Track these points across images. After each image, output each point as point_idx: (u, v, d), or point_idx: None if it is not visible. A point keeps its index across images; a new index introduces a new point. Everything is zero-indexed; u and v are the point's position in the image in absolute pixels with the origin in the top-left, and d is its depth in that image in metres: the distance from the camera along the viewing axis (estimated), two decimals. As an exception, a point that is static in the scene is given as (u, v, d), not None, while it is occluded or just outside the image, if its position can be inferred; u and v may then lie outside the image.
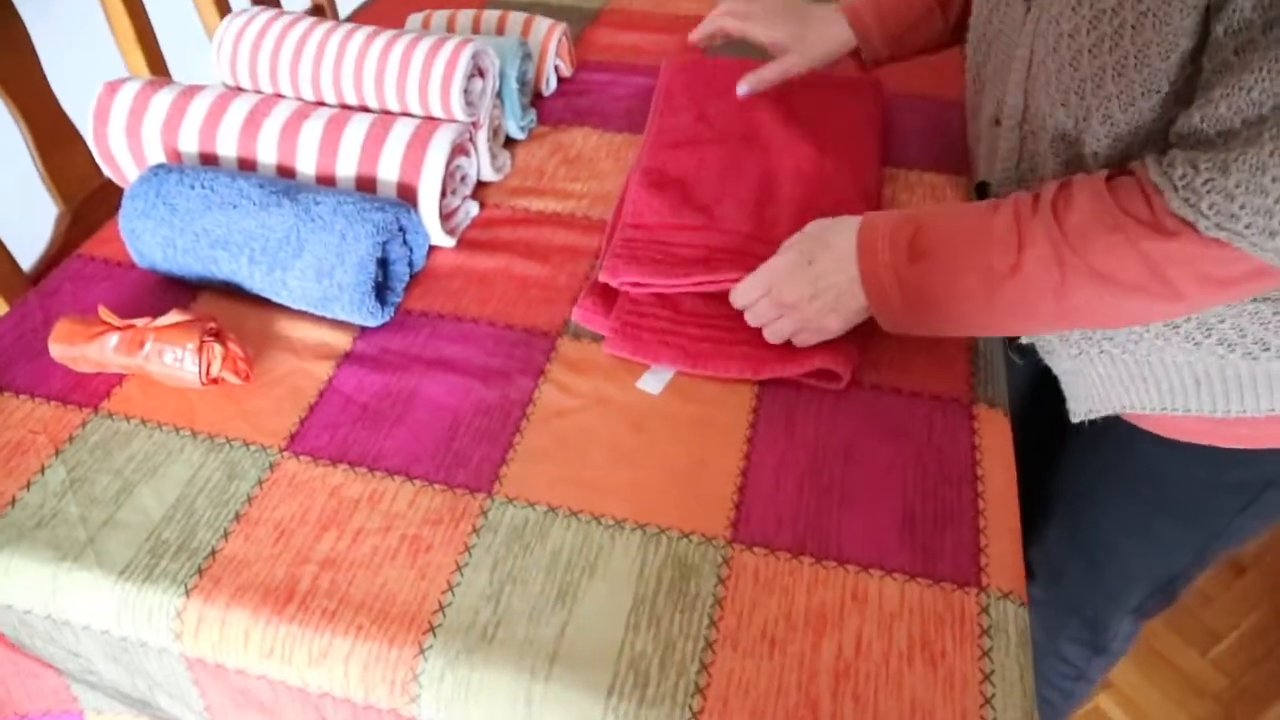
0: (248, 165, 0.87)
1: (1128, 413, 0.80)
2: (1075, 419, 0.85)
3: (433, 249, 0.88)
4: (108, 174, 0.93)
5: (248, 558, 0.64)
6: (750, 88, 0.96)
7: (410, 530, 0.65)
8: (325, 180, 0.86)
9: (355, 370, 0.77)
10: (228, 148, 0.87)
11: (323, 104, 0.92)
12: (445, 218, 0.87)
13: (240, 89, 0.95)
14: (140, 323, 0.74)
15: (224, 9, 1.38)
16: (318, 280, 0.76)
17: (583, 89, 1.15)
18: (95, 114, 0.88)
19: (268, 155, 0.86)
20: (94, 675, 0.68)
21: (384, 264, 0.80)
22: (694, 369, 0.75)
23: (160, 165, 0.83)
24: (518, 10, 1.18)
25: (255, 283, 0.79)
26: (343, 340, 0.79)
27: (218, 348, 0.73)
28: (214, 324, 0.73)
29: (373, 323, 0.79)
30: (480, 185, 0.97)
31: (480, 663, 0.58)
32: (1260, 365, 0.71)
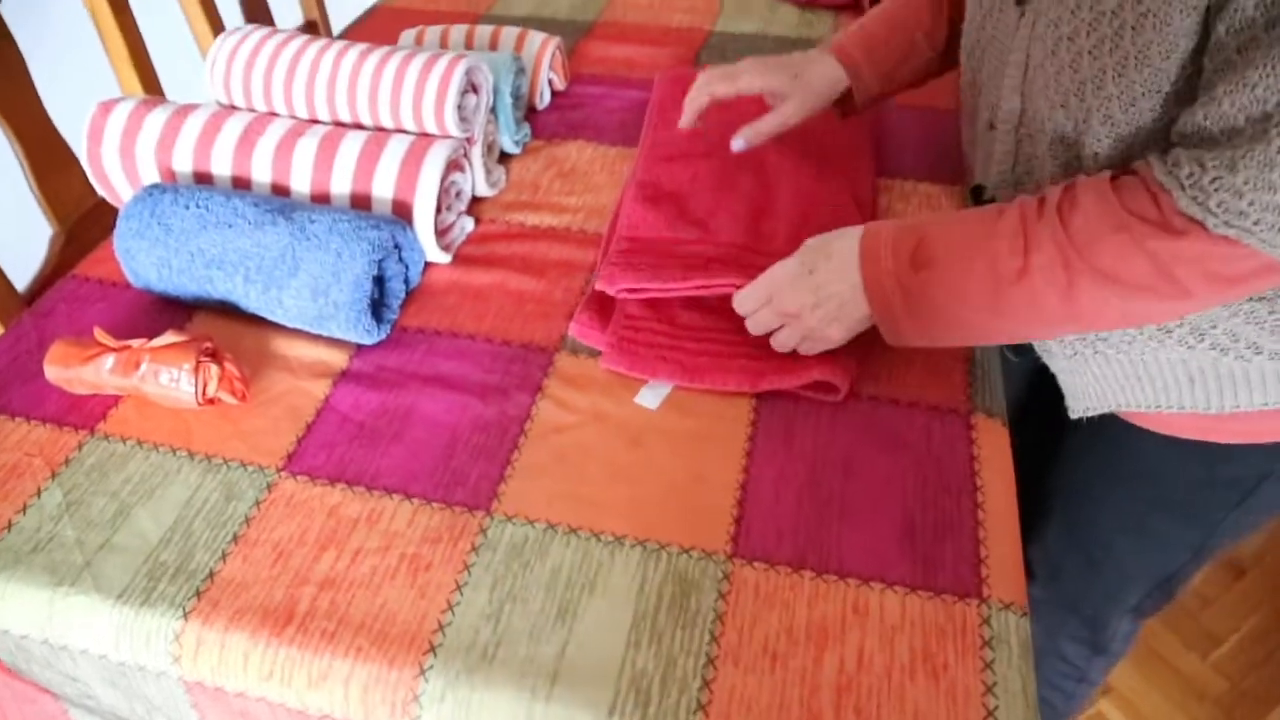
0: (242, 184, 0.87)
1: (1123, 410, 0.81)
2: (1073, 415, 0.85)
3: (428, 265, 0.88)
4: (102, 194, 0.93)
5: (246, 579, 0.63)
6: (746, 142, 0.89)
7: (409, 549, 0.65)
8: (320, 198, 0.86)
9: (352, 389, 0.77)
10: (222, 166, 0.87)
11: (317, 121, 0.92)
12: (440, 234, 0.87)
13: (234, 107, 0.95)
14: (136, 344, 0.74)
15: (217, 27, 1.39)
16: (313, 299, 0.76)
17: (576, 102, 1.15)
18: (89, 134, 0.88)
19: (262, 174, 0.86)
20: (92, 700, 0.68)
21: (380, 281, 0.80)
22: (692, 383, 0.75)
23: (155, 185, 0.83)
24: (511, 25, 1.18)
25: (251, 302, 0.79)
26: (339, 358, 0.79)
27: (214, 368, 0.73)
28: (210, 344, 0.73)
29: (369, 340, 0.79)
30: (475, 200, 0.97)
31: (481, 683, 0.58)
32: (1254, 365, 0.71)
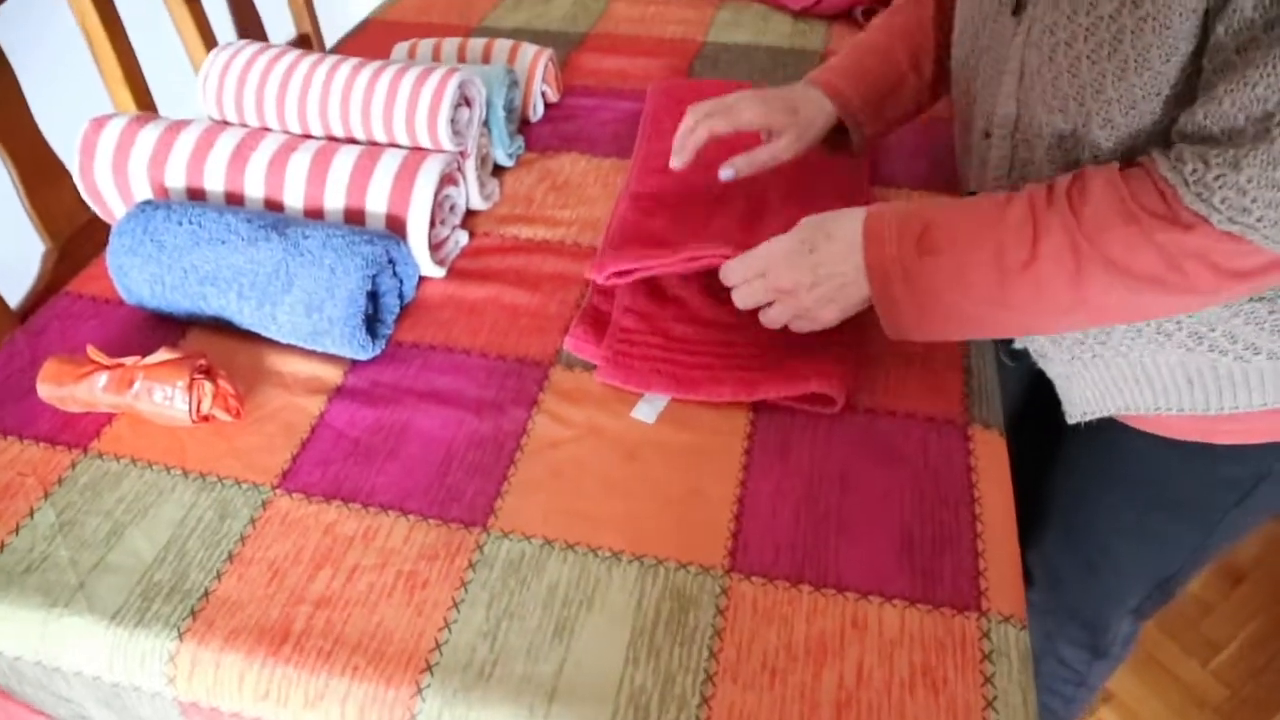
0: (235, 199, 0.87)
1: (1122, 414, 0.81)
2: (1071, 421, 0.85)
3: (423, 279, 0.88)
4: (95, 211, 0.92)
5: (241, 599, 0.63)
6: (737, 171, 0.86)
7: (406, 566, 0.65)
8: (314, 213, 0.85)
9: (347, 404, 0.76)
10: (215, 182, 0.86)
11: (310, 136, 0.92)
12: (435, 248, 0.87)
13: (227, 123, 0.95)
14: (129, 361, 0.73)
15: (210, 42, 1.39)
16: (307, 314, 0.76)
17: (569, 114, 1.15)
18: (81, 150, 0.88)
19: (255, 189, 0.86)
20: (86, 721, 0.68)
21: (374, 296, 0.79)
22: (686, 395, 0.75)
23: (147, 201, 0.82)
24: (504, 37, 1.18)
25: (245, 318, 0.79)
26: (334, 374, 0.79)
27: (208, 385, 0.72)
28: (204, 361, 0.73)
29: (363, 356, 0.79)
30: (469, 214, 0.97)
31: (478, 701, 0.57)
32: (1252, 366, 0.71)
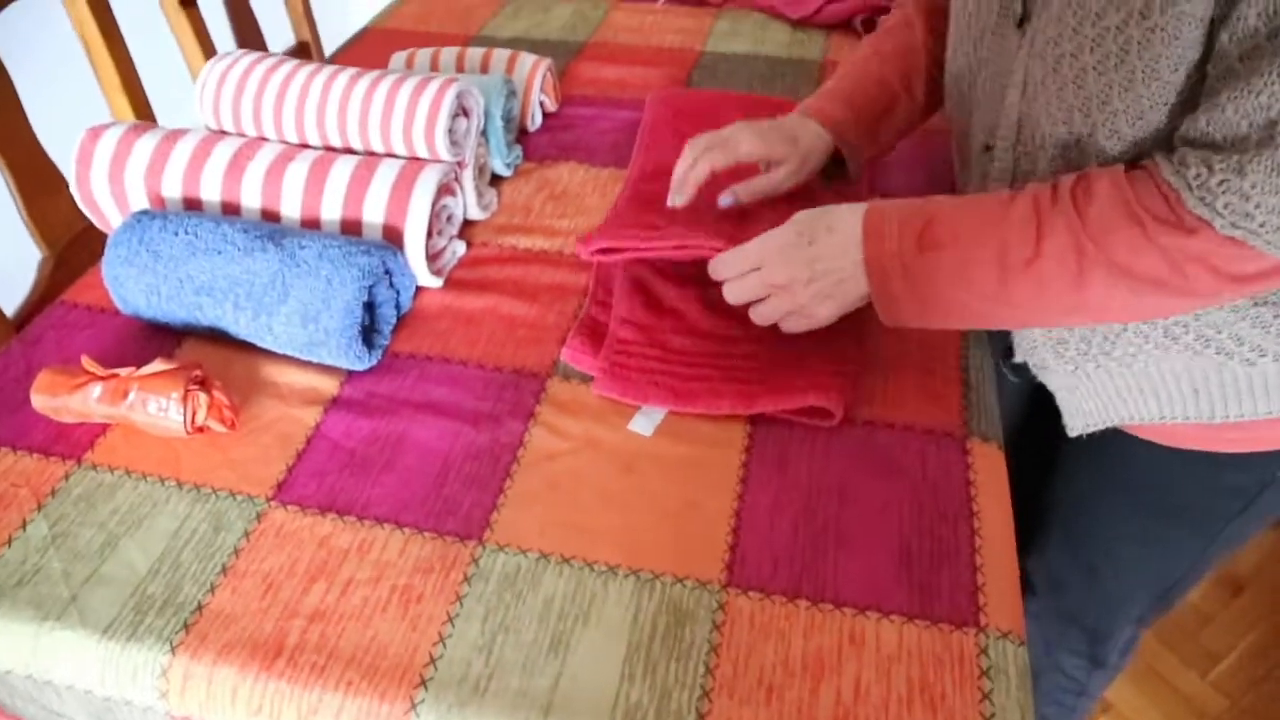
0: (232, 209, 0.86)
1: (1125, 424, 0.80)
2: (1072, 434, 0.84)
3: (420, 290, 0.87)
4: (91, 220, 0.92)
5: (235, 612, 0.63)
6: (736, 199, 0.85)
7: (401, 580, 0.64)
8: (310, 223, 0.85)
9: (343, 416, 0.76)
10: (212, 192, 0.86)
11: (307, 146, 0.91)
12: (432, 258, 0.87)
13: (224, 132, 0.95)
14: (124, 372, 0.73)
15: (209, 50, 1.39)
16: (303, 325, 0.76)
17: (568, 124, 1.15)
18: (78, 159, 0.88)
19: (252, 199, 0.85)
20: (78, 735, 0.67)
21: (370, 307, 0.79)
22: (684, 407, 0.75)
23: (143, 211, 0.82)
24: (502, 47, 1.18)
25: (240, 328, 0.78)
26: (330, 385, 0.79)
27: (202, 396, 0.72)
28: (199, 372, 0.73)
29: (360, 367, 0.78)
30: (467, 223, 0.97)
31: (473, 716, 0.57)
32: (1257, 369, 0.71)
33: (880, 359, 0.79)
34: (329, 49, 1.49)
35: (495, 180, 1.03)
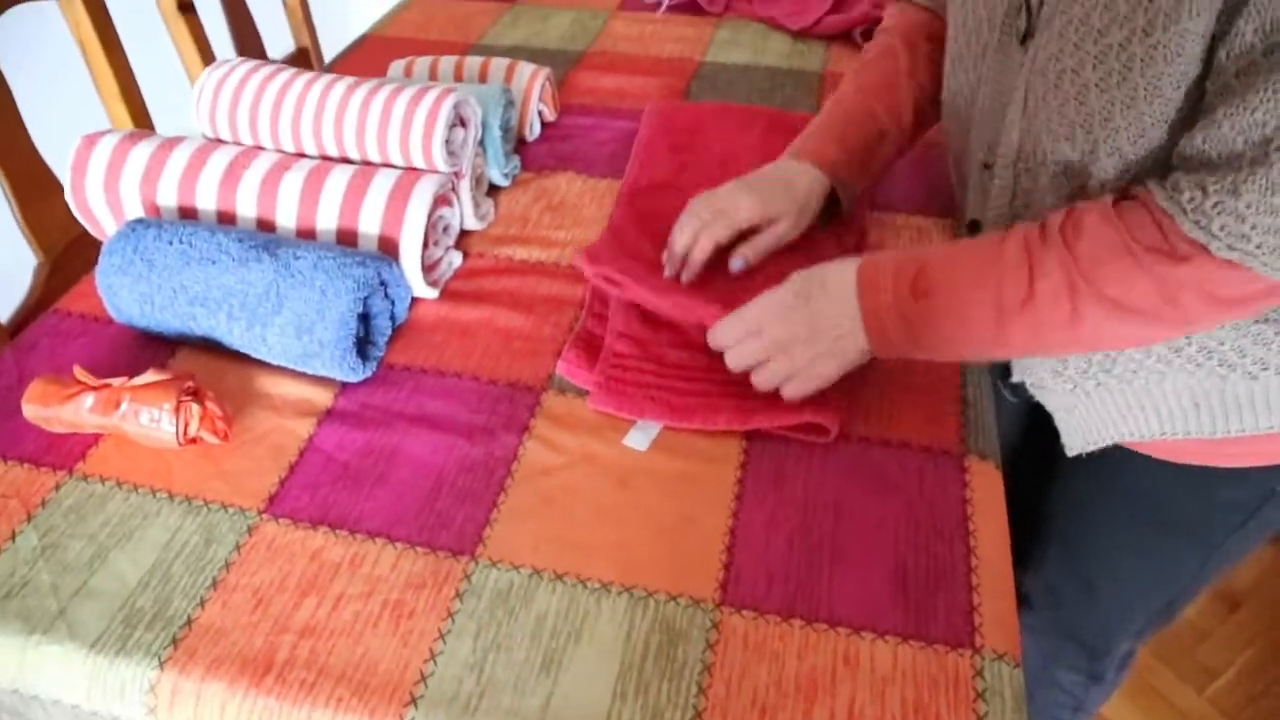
0: (228, 218, 0.86)
1: (1124, 440, 0.80)
2: (1070, 453, 0.84)
3: (416, 300, 0.87)
4: (86, 228, 0.92)
5: (225, 626, 0.62)
6: (745, 261, 0.84)
7: (392, 595, 0.64)
8: (306, 233, 0.85)
9: (336, 428, 0.75)
10: (207, 201, 0.86)
11: (303, 156, 0.91)
12: (428, 269, 0.86)
13: (220, 141, 0.94)
14: (116, 382, 0.72)
15: (207, 54, 1.38)
16: (297, 337, 0.75)
17: (566, 134, 1.14)
18: (73, 167, 0.87)
19: (247, 208, 0.85)
20: (65, 749, 0.66)
21: (365, 318, 0.79)
22: (680, 423, 0.74)
23: (138, 220, 0.82)
24: (501, 55, 1.18)
25: (234, 339, 0.78)
26: (324, 396, 0.78)
27: (195, 407, 0.71)
28: (192, 383, 0.72)
29: (354, 379, 0.78)
30: (464, 233, 0.96)
31: (463, 736, 0.57)
32: (1259, 384, 0.71)
33: (878, 376, 0.78)
34: (328, 55, 1.49)
35: (492, 190, 1.03)
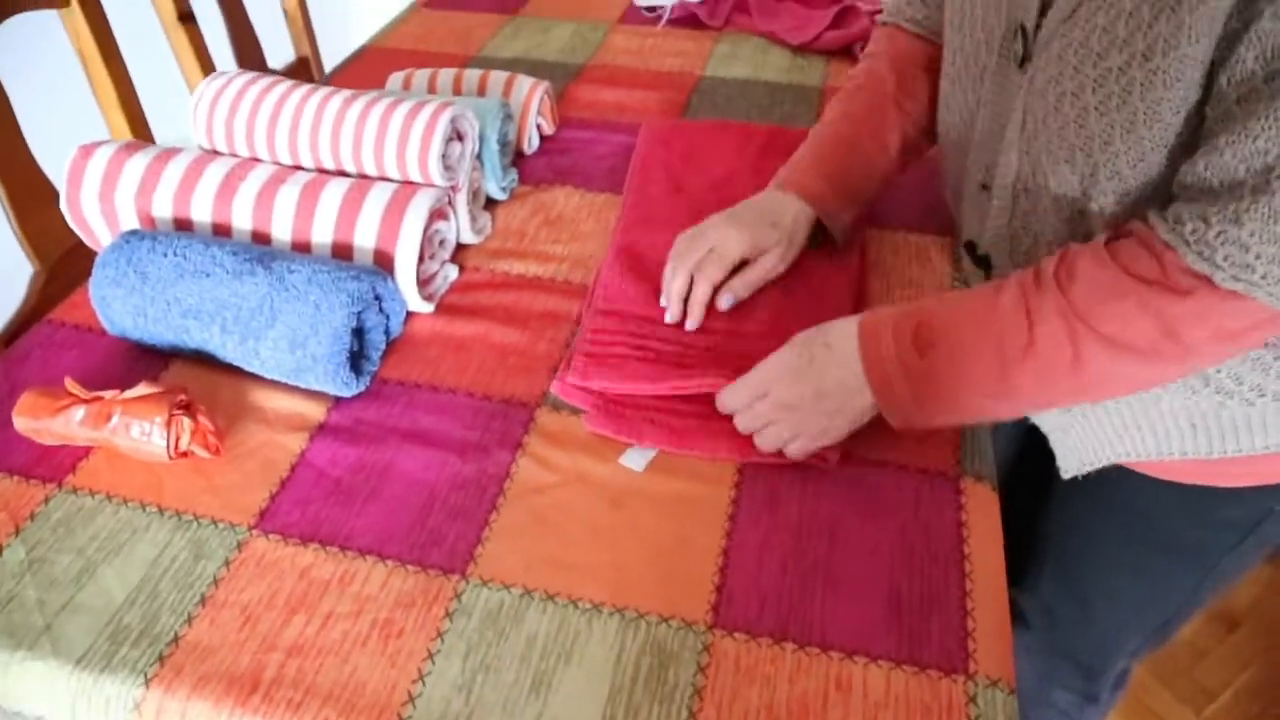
0: (223, 231, 0.86)
1: (1120, 460, 0.80)
2: (1066, 475, 0.84)
3: (411, 315, 0.87)
4: (81, 239, 0.91)
5: (212, 644, 0.61)
6: (735, 296, 0.83)
7: (382, 614, 0.63)
8: (301, 246, 0.84)
9: (329, 443, 0.75)
10: (202, 213, 0.85)
11: (300, 168, 0.91)
12: (423, 283, 0.86)
13: (217, 153, 0.94)
14: (108, 395, 0.72)
15: (207, 64, 1.38)
16: (291, 351, 0.75)
17: (564, 147, 1.14)
18: (69, 177, 0.87)
19: (243, 221, 0.85)
20: (49, 766, 0.66)
21: (359, 332, 0.78)
22: (679, 449, 0.74)
23: (133, 231, 0.81)
24: (500, 68, 1.18)
25: (228, 352, 0.77)
26: (317, 411, 0.78)
27: (186, 421, 0.71)
28: (183, 397, 0.72)
29: (347, 393, 0.78)
30: (460, 247, 0.96)
31: (451, 759, 0.56)
32: (1256, 409, 0.71)
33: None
34: (329, 65, 1.49)
35: (490, 204, 1.03)
